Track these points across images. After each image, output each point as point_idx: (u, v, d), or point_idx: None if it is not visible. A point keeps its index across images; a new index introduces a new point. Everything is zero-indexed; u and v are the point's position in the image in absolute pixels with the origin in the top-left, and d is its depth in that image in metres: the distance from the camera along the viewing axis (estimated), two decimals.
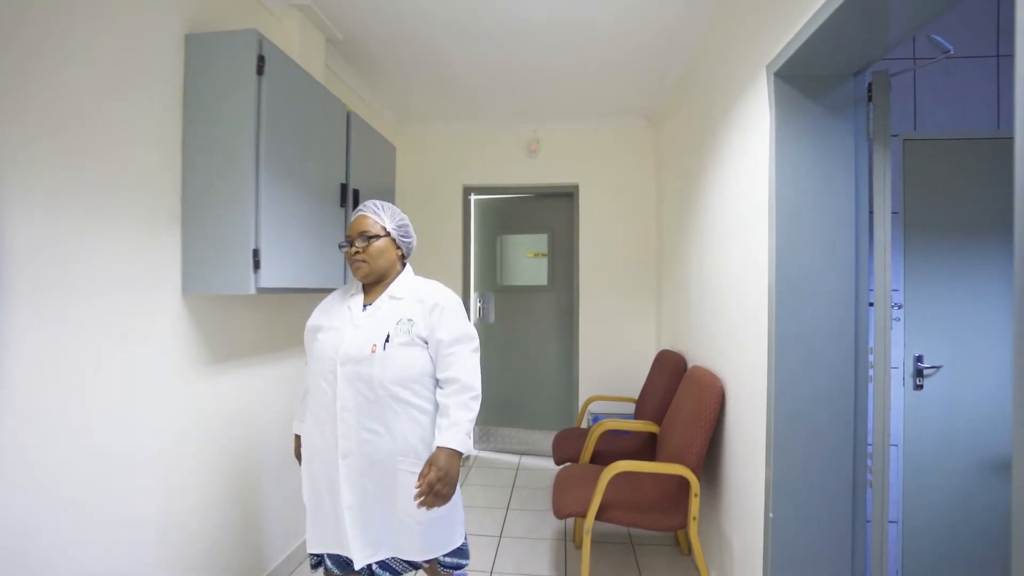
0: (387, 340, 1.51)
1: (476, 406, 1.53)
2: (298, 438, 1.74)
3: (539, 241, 4.38)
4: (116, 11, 1.54)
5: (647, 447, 2.91)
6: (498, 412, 4.42)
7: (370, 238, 1.57)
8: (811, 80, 1.65)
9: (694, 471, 2.15)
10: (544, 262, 4.39)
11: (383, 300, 1.59)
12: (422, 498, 1.42)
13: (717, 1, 2.32)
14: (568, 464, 2.85)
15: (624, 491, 2.33)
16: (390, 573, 1.58)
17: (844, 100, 1.65)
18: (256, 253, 1.76)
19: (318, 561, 1.64)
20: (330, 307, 1.67)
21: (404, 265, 1.69)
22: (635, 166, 4.05)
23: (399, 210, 1.68)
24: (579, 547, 2.77)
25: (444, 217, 4.22)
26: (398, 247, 1.65)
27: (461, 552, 1.65)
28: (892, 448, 2.43)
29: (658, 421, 2.84)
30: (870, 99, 1.65)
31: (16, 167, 1.26)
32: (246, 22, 2.18)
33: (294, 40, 2.43)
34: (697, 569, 2.50)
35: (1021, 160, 0.76)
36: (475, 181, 4.21)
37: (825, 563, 1.69)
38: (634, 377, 3.84)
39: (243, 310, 2.16)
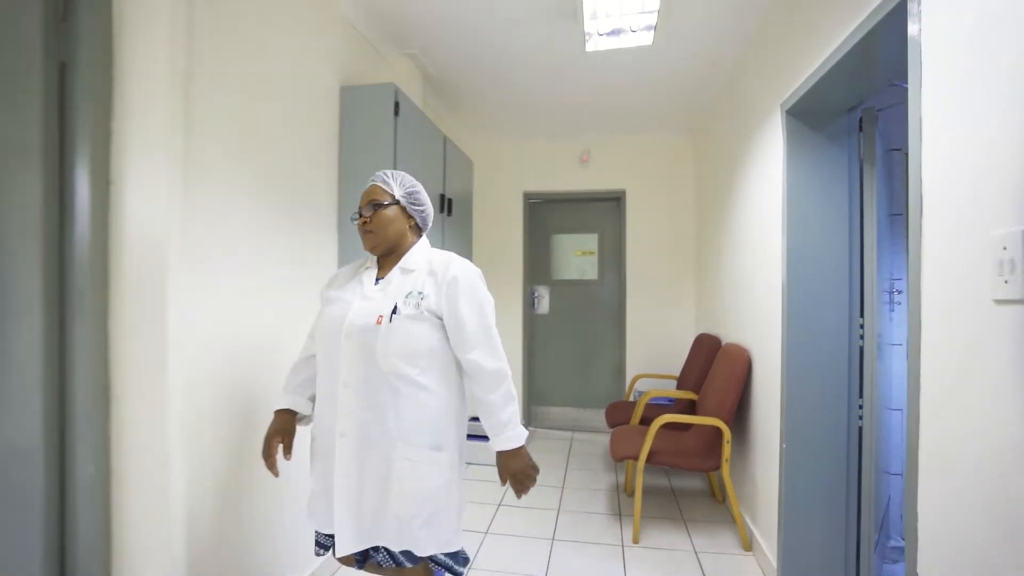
0: (394, 312, 1.41)
1: (514, 390, 1.46)
2: (277, 414, 1.60)
3: (590, 240, 4.94)
4: (298, 73, 2.18)
5: (688, 413, 3.44)
6: (551, 393, 5.00)
7: (377, 207, 1.48)
8: (814, 116, 2.17)
9: (727, 423, 2.68)
10: (592, 259, 4.94)
11: (394, 273, 1.49)
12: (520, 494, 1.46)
13: (741, 50, 2.85)
14: (621, 425, 3.40)
15: (669, 441, 2.88)
16: (382, 555, 1.48)
17: (840, 130, 2.17)
18: None
19: (326, 545, 1.52)
20: (342, 279, 1.59)
21: (420, 236, 1.59)
22: (676, 173, 4.57)
23: (411, 178, 1.58)
24: (631, 495, 3.32)
25: (506, 220, 4.83)
26: (410, 216, 1.54)
27: (456, 558, 1.50)
28: (897, 412, 2.90)
29: (696, 391, 3.37)
30: (861, 129, 2.16)
31: (234, 186, 1.91)
32: (373, 69, 2.83)
33: (402, 77, 3.07)
34: (730, 509, 3.03)
35: (914, 167, 1.30)
36: (533, 188, 4.81)
37: (825, 484, 2.20)
38: (675, 357, 4.36)
39: None
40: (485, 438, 1.46)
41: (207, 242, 1.63)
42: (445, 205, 3.07)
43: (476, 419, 1.50)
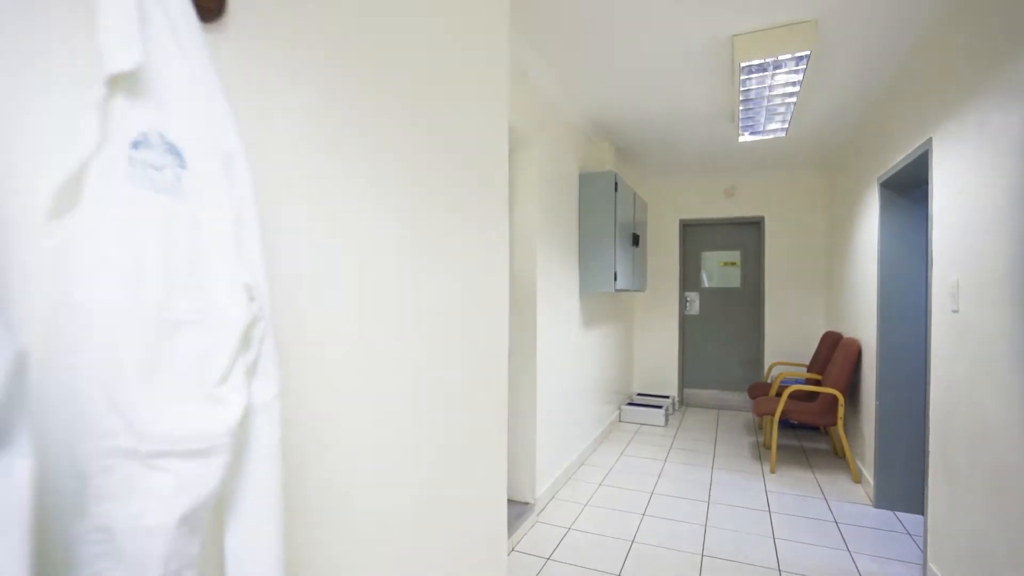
0: None
1: None
2: None
3: (733, 256, 6.13)
4: (566, 172, 3.74)
5: (814, 394, 4.57)
6: (700, 378, 6.25)
7: None
8: (900, 186, 3.31)
9: (842, 392, 3.85)
10: (736, 270, 6.12)
11: None
12: None
13: (849, 138, 3.98)
14: (761, 396, 4.62)
15: (798, 406, 4.09)
16: None
17: (919, 196, 3.28)
18: (615, 274, 3.89)
19: None
20: None
21: None
22: (809, 202, 5.62)
23: None
24: (768, 448, 4.54)
25: (666, 241, 6.17)
26: None
27: None
28: None
29: (821, 374, 4.50)
30: None
31: (551, 244, 3.50)
32: (589, 153, 4.35)
33: (603, 153, 4.56)
34: (845, 458, 4.15)
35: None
36: (687, 216, 6.10)
37: (906, 432, 3.32)
38: (806, 350, 5.44)
39: (600, 301, 4.33)
40: (649, 406, 2.76)
41: (545, 273, 3.22)
42: (635, 240, 4.53)
43: (642, 394, 2.82)
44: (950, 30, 2.36)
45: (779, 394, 4.60)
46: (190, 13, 0.69)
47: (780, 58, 2.62)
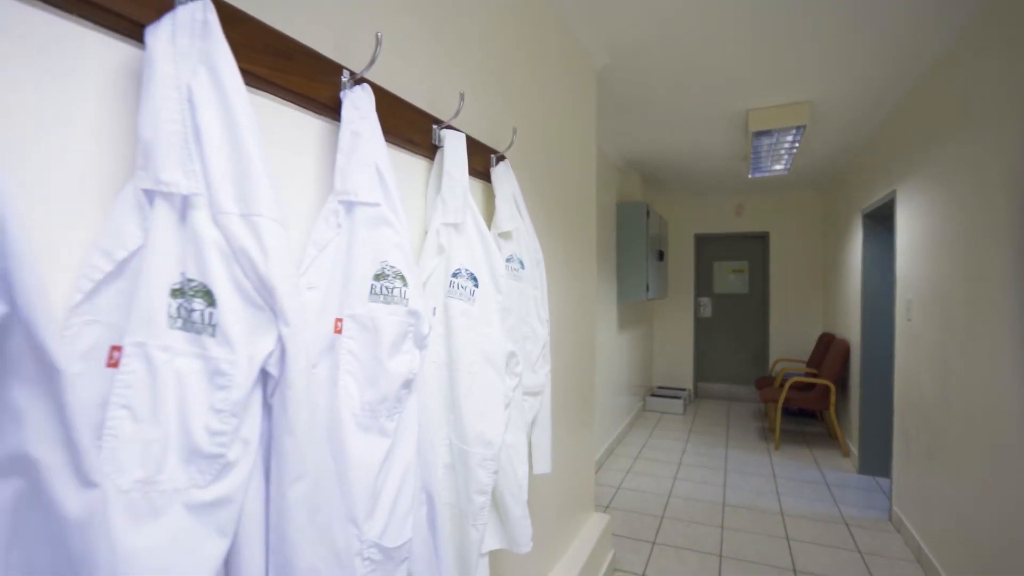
0: None
1: None
2: None
3: (741, 265, 6.97)
4: (607, 202, 4.59)
5: (811, 385, 5.42)
6: (712, 373, 7.10)
7: None
8: (878, 218, 4.15)
9: (834, 383, 4.69)
10: (744, 277, 6.96)
11: None
12: None
13: (838, 178, 4.82)
14: (766, 387, 5.47)
15: (798, 394, 4.94)
16: None
17: (893, 227, 4.13)
18: (647, 285, 4.74)
19: None
20: None
21: None
22: (807, 220, 6.46)
23: None
24: (773, 430, 5.39)
25: (682, 252, 7.02)
26: None
27: None
28: None
29: (818, 368, 5.34)
30: None
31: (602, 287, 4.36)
32: (622, 182, 5.20)
33: (633, 182, 5.41)
34: (837, 439, 5.01)
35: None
36: (701, 230, 6.95)
37: (882, 413, 4.16)
38: (805, 348, 6.29)
39: (630, 307, 5.18)
40: (669, 397, 3.64)
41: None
42: (660, 256, 5.38)
43: (662, 387, 3.67)
44: (907, 112, 3.21)
45: (782, 385, 5.44)
46: (523, 203, 1.55)
47: (783, 127, 3.47)
